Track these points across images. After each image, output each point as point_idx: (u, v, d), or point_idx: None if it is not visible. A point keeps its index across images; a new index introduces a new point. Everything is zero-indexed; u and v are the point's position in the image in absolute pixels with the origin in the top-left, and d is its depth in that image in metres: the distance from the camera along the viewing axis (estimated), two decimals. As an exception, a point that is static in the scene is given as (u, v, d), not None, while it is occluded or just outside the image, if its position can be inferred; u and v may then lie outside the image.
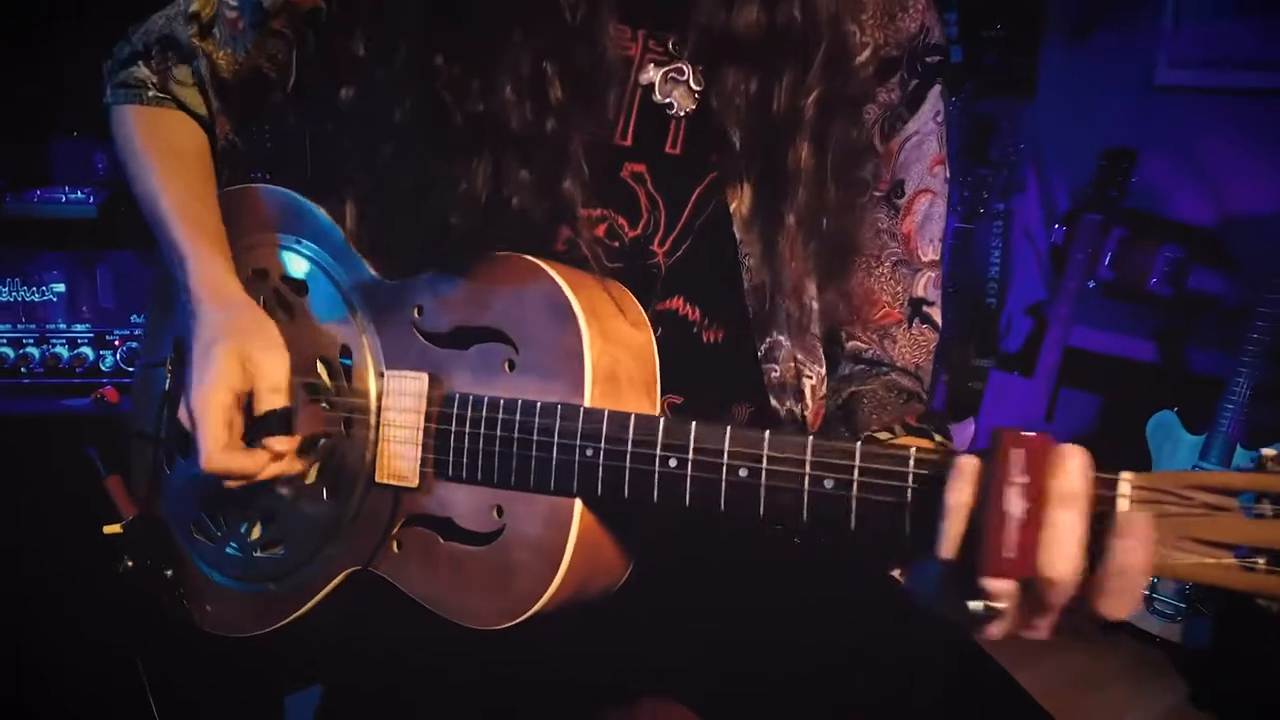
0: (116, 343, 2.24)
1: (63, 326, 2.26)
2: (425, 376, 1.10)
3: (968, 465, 0.80)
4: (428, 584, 1.09)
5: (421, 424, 1.10)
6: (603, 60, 1.07)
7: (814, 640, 1.13)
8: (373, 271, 1.17)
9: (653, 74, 1.13)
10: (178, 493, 1.30)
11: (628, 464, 0.97)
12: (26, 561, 1.91)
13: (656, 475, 0.95)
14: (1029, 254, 3.83)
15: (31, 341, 2.22)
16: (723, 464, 0.92)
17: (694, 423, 0.94)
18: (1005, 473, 0.77)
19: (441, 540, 1.09)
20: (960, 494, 0.80)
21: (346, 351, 1.16)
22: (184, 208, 1.24)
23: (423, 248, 1.11)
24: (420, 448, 1.10)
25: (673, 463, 0.95)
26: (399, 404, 1.12)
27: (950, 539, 0.80)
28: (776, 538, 1.21)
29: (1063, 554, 0.76)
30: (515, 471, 1.03)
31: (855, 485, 0.87)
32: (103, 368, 2.23)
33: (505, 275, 1.06)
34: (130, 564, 1.30)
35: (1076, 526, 0.76)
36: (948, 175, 1.22)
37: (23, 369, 2.20)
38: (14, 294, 2.25)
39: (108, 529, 1.32)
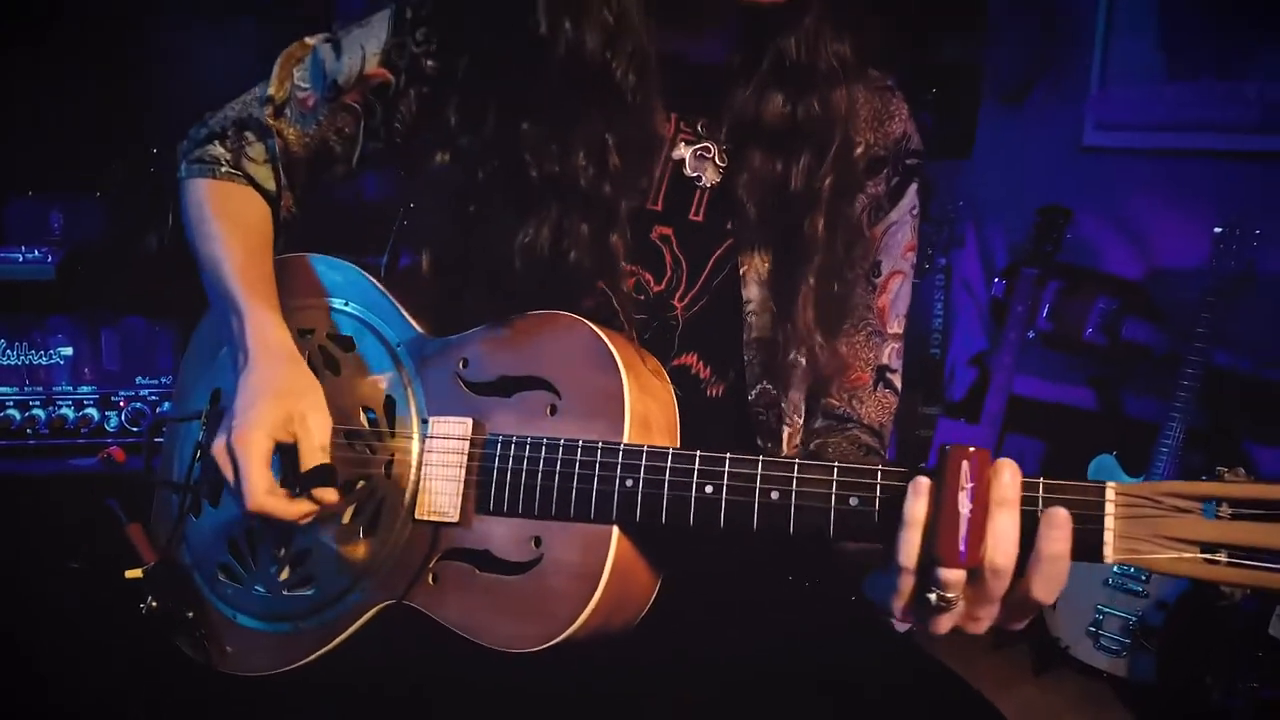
0: (121, 403, 2.31)
1: (69, 389, 2.31)
2: (469, 421, 1.20)
3: (922, 483, 0.96)
4: (464, 613, 1.18)
5: (464, 463, 1.19)
6: (651, 136, 1.24)
7: (802, 665, 1.25)
8: (418, 328, 1.28)
9: (684, 150, 1.30)
10: (205, 538, 1.37)
11: (665, 491, 1.08)
12: (40, 618, 1.94)
13: (693, 500, 1.07)
14: (970, 306, 4.02)
15: (38, 403, 2.27)
16: (755, 487, 1.04)
17: (728, 454, 1.06)
18: (955, 480, 0.94)
19: (479, 571, 1.18)
20: (918, 509, 0.96)
21: (391, 401, 1.26)
22: (243, 271, 1.34)
23: (484, 295, 1.23)
24: (462, 484, 1.19)
25: (709, 489, 1.06)
26: (442, 445, 1.21)
27: (910, 545, 0.96)
28: (778, 578, 1.35)
29: (1003, 547, 0.93)
30: (556, 503, 1.13)
31: (878, 501, 1.01)
32: (107, 428, 2.29)
33: (549, 330, 1.18)
34: (154, 604, 1.37)
35: (1013, 524, 0.94)
36: (914, 260, 1.39)
37: (29, 430, 2.25)
38: (22, 358, 2.30)
39: (129, 573, 1.38)
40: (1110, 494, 0.94)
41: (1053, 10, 3.60)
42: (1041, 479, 0.96)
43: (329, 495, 1.22)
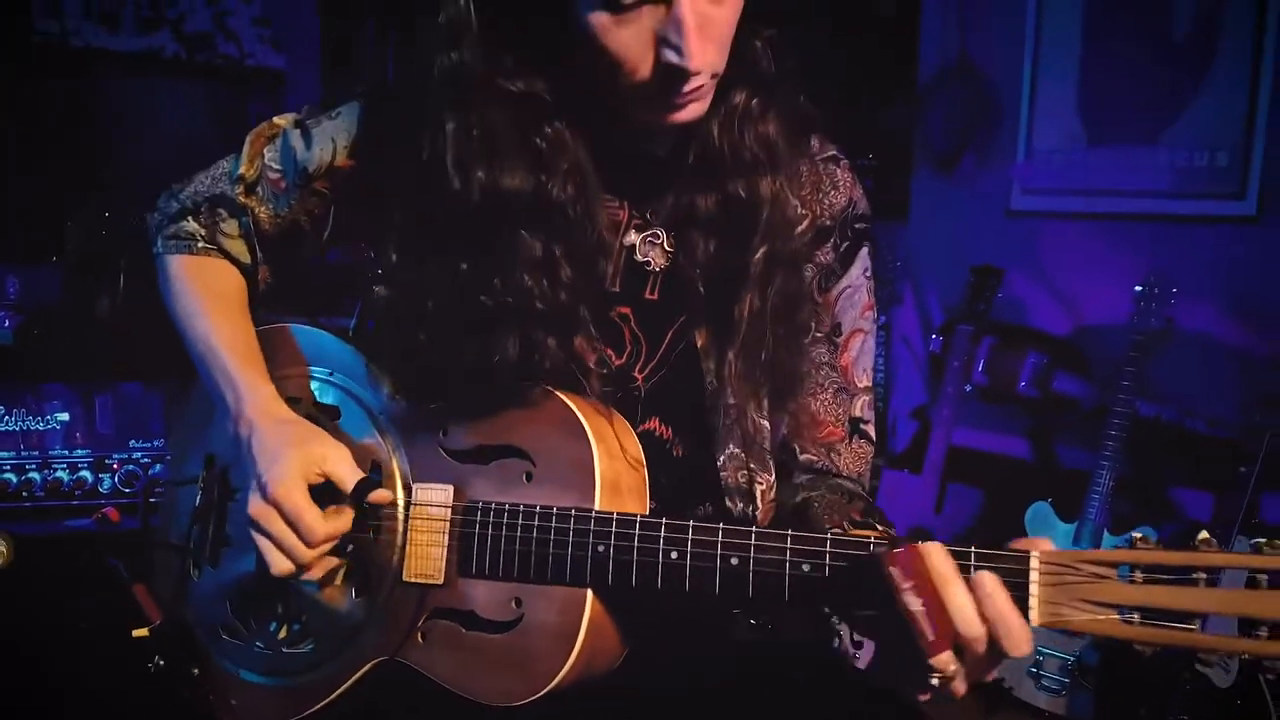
0: (115, 466, 2.37)
1: (64, 452, 2.38)
2: (450, 488, 1.30)
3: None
4: (453, 669, 1.26)
5: (447, 528, 1.29)
6: (599, 237, 1.31)
7: (760, 701, 1.35)
8: (399, 398, 1.37)
9: (634, 237, 1.38)
10: (206, 598, 1.44)
11: (635, 557, 1.18)
12: (46, 677, 1.98)
13: (660, 566, 1.17)
14: (909, 361, 4.17)
15: (34, 467, 2.33)
16: (717, 554, 1.15)
17: (691, 521, 1.16)
18: (896, 585, 1.02)
19: (464, 630, 1.27)
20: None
21: (376, 468, 1.34)
22: (232, 345, 1.42)
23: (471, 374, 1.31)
24: (445, 549, 1.28)
25: (674, 555, 1.17)
26: (426, 512, 1.30)
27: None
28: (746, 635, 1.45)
29: (967, 616, 1.02)
30: (534, 566, 1.23)
31: (828, 568, 1.11)
32: (101, 490, 2.36)
33: (524, 401, 1.27)
34: (162, 662, 1.44)
35: (965, 595, 1.02)
36: (875, 317, 1.48)
37: (24, 494, 2.31)
38: (20, 423, 2.36)
39: (136, 632, 1.45)
40: (1034, 562, 1.03)
41: (979, 84, 3.79)
42: (974, 549, 1.05)
43: (385, 496, 1.30)
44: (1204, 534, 1.00)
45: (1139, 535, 1.03)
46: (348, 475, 1.30)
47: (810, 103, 1.35)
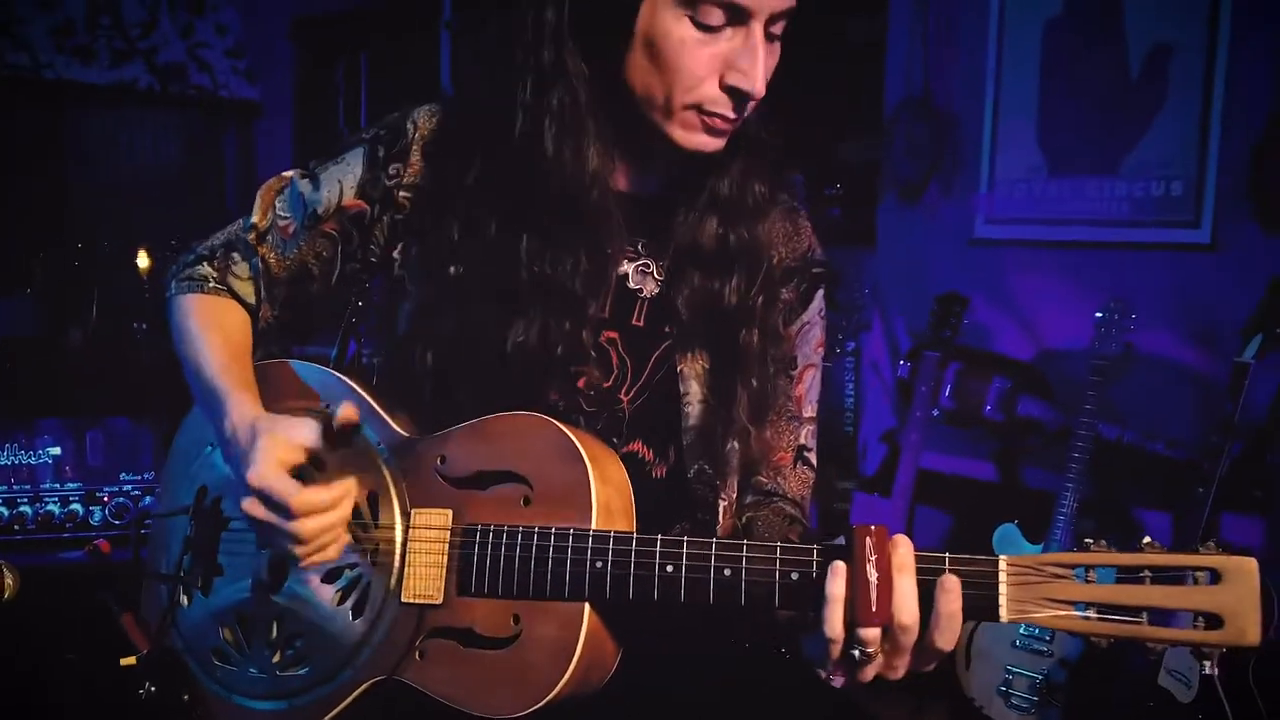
0: (105, 499, 2.41)
1: (56, 486, 2.42)
2: (449, 512, 1.35)
3: (839, 566, 1.17)
4: (451, 686, 1.31)
5: (446, 550, 1.34)
6: (606, 248, 1.43)
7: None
8: (397, 428, 1.43)
9: (627, 266, 1.49)
10: (197, 624, 1.49)
11: (631, 571, 1.24)
12: (39, 708, 2.00)
13: (656, 579, 1.23)
14: (878, 386, 4.25)
15: (26, 500, 2.37)
16: (710, 565, 1.21)
17: (685, 536, 1.23)
18: (863, 554, 1.15)
19: (463, 647, 1.32)
20: (837, 587, 1.16)
21: (375, 496, 1.40)
22: (225, 369, 1.47)
23: (474, 391, 1.40)
24: (445, 570, 1.34)
25: (669, 568, 1.23)
26: (424, 535, 1.36)
27: (834, 616, 1.16)
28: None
29: (906, 605, 1.15)
30: (534, 584, 1.28)
31: (814, 575, 1.19)
32: (92, 522, 2.39)
33: (521, 429, 1.34)
34: (152, 689, 1.47)
35: (913, 587, 1.15)
36: (823, 353, 1.61)
37: (16, 527, 2.34)
38: (12, 458, 2.39)
39: (125, 661, 1.49)
40: (1003, 565, 1.15)
41: (942, 117, 3.90)
42: (947, 554, 1.17)
43: (348, 412, 1.30)
44: (1147, 538, 1.14)
45: (1090, 540, 1.16)
46: (317, 436, 1.31)
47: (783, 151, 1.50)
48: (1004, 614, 1.15)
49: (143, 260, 4.18)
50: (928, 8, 3.88)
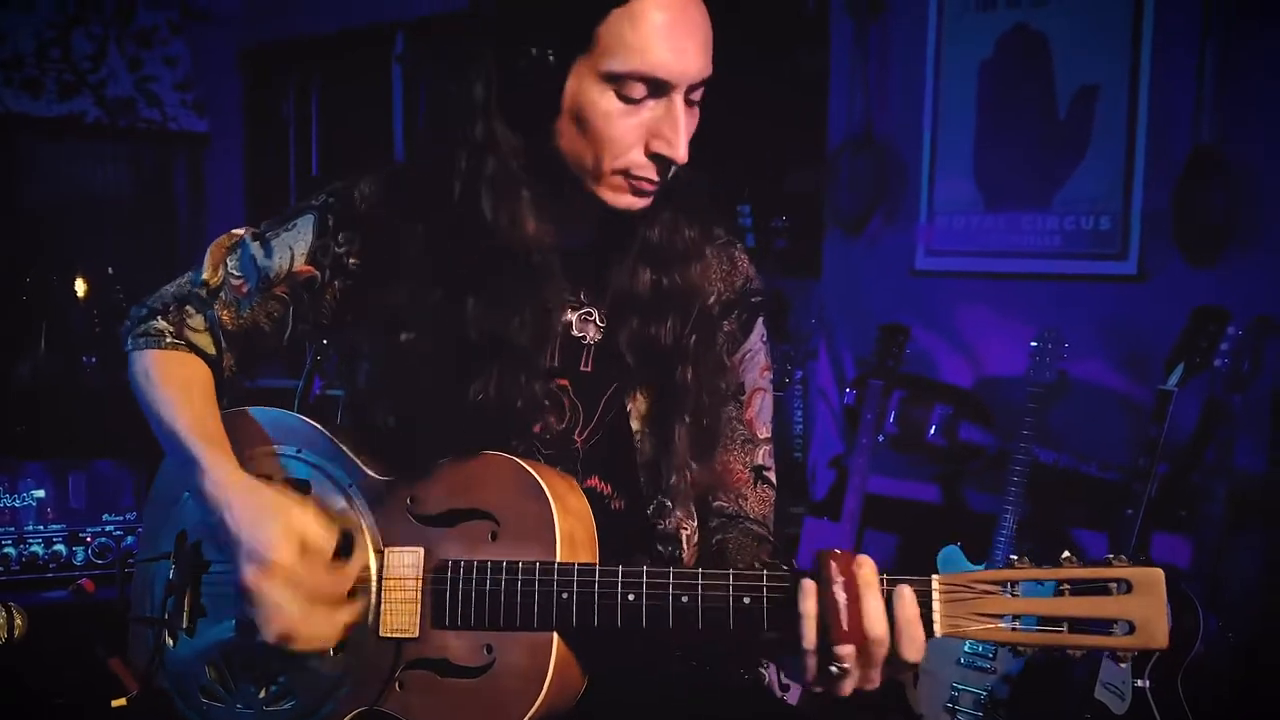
0: (88, 539, 2.45)
1: (39, 527, 2.45)
2: (420, 550, 1.43)
3: (809, 585, 1.26)
4: (431, 714, 1.39)
5: (419, 586, 1.42)
6: (548, 304, 1.51)
7: None
8: (366, 470, 1.50)
9: (570, 315, 1.58)
10: (184, 664, 1.54)
11: (596, 601, 1.33)
12: None
13: (619, 608, 1.32)
14: (826, 413, 4.36)
15: (10, 542, 2.40)
16: (669, 593, 1.30)
17: (645, 566, 1.32)
18: (829, 577, 1.24)
19: (440, 677, 1.40)
20: (810, 606, 1.25)
21: (348, 537, 1.46)
22: (196, 427, 1.52)
23: (436, 440, 1.47)
24: (419, 604, 1.41)
25: (631, 597, 1.32)
26: (398, 573, 1.43)
27: (809, 633, 1.25)
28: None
29: (876, 619, 1.23)
30: (504, 616, 1.37)
31: (765, 600, 1.29)
32: (75, 562, 2.43)
33: (487, 468, 1.43)
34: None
35: (879, 602, 1.24)
36: (771, 376, 1.70)
37: (1, 568, 2.38)
38: None
39: (115, 702, 1.54)
40: (935, 583, 1.25)
41: (883, 152, 4.04)
42: (885, 575, 1.26)
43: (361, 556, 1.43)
44: (1066, 553, 1.24)
45: (1014, 558, 1.27)
46: (324, 539, 1.41)
47: (713, 194, 1.59)
48: (938, 629, 1.25)
49: (80, 287, 4.17)
50: (868, 48, 4.03)
